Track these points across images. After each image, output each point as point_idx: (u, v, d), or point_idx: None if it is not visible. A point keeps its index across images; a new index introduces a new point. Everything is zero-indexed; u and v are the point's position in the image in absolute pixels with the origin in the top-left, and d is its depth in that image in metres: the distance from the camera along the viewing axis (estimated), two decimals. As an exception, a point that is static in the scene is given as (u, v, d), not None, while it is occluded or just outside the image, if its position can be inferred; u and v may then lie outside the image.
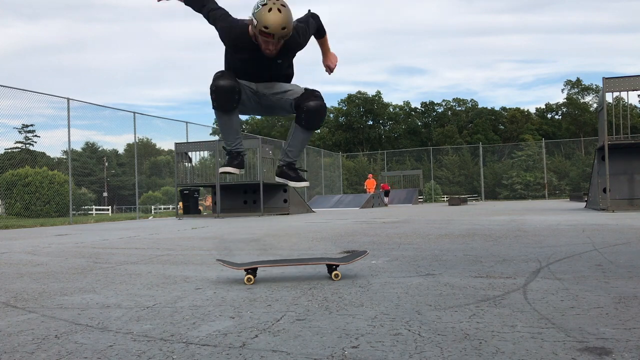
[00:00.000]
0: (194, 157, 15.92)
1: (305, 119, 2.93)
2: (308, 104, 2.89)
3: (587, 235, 4.94)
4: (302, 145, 3.10)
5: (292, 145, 3.08)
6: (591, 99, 64.76)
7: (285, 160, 3.11)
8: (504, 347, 1.54)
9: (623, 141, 10.55)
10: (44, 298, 2.56)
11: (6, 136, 21.24)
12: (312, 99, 2.90)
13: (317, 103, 2.90)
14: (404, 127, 69.96)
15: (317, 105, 2.90)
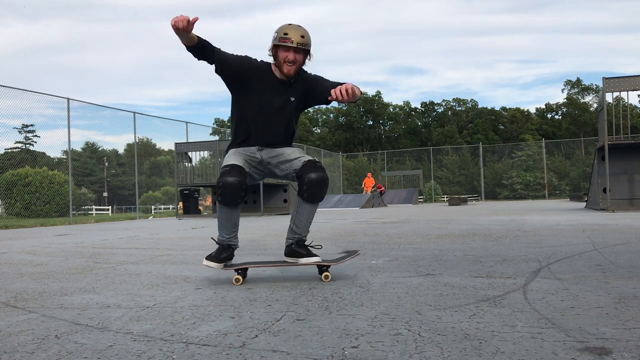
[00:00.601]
0: (194, 157, 15.92)
1: (307, 192, 2.89)
2: (310, 177, 2.87)
3: (587, 235, 4.94)
4: (309, 219, 3.00)
5: (298, 221, 2.99)
6: (591, 99, 64.78)
7: (294, 237, 2.99)
8: (504, 347, 1.54)
9: (623, 141, 10.55)
10: (44, 298, 2.56)
11: (6, 136, 21.25)
12: (313, 170, 2.89)
13: (318, 175, 2.88)
14: (404, 127, 69.98)
15: (319, 177, 2.88)
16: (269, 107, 2.95)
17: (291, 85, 2.98)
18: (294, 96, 3.00)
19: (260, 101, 2.94)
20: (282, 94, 2.96)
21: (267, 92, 2.94)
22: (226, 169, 2.83)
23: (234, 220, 2.93)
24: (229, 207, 2.85)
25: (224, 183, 2.79)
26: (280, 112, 2.98)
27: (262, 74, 2.93)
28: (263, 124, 2.96)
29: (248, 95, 2.95)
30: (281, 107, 2.97)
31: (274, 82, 2.95)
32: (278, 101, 2.96)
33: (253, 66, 2.93)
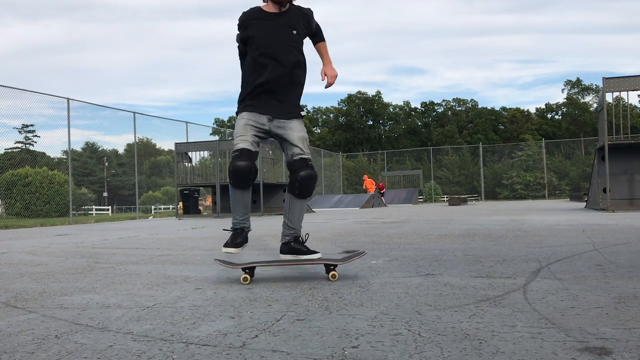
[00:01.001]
0: (194, 157, 15.93)
1: (299, 189, 3.03)
2: (301, 174, 2.99)
3: (587, 235, 4.94)
4: (301, 214, 3.12)
5: (292, 217, 3.09)
6: (591, 99, 64.76)
7: (290, 233, 3.07)
8: (504, 347, 1.54)
9: (623, 141, 10.55)
10: (44, 298, 2.56)
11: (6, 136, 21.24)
12: (304, 168, 3.01)
13: (308, 173, 3.01)
14: (404, 127, 69.98)
15: (309, 175, 3.02)
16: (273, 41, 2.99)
17: (284, 16, 3.04)
18: (295, 29, 3.04)
19: (264, 38, 2.99)
20: (274, 25, 3.01)
21: (267, 28, 3.01)
22: (236, 154, 2.97)
23: (245, 201, 3.09)
24: (240, 189, 3.03)
25: (235, 167, 2.96)
26: (286, 47, 3.00)
27: (256, 16, 3.03)
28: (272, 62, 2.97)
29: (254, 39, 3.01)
30: (280, 39, 3.00)
31: (264, 17, 3.03)
32: (279, 33, 3.00)
33: (242, 22, 3.05)
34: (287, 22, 3.03)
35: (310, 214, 14.33)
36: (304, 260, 2.98)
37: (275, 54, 2.97)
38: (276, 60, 2.97)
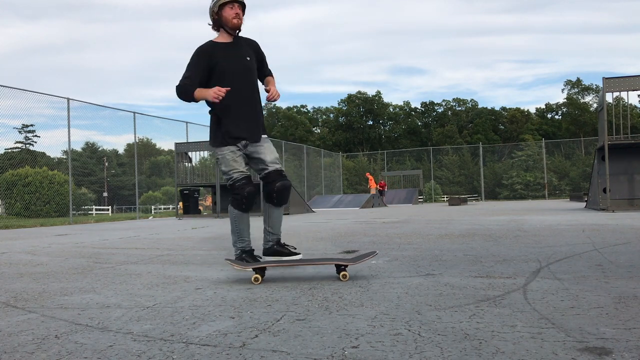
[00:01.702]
0: (194, 157, 15.92)
1: (276, 199, 3.40)
2: (277, 186, 3.37)
3: (587, 235, 4.94)
4: (280, 219, 3.47)
5: (272, 224, 3.43)
6: (591, 99, 64.76)
7: (273, 238, 3.39)
8: (504, 347, 1.54)
9: (623, 141, 10.55)
10: (44, 298, 2.56)
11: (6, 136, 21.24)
12: (279, 179, 3.39)
13: (283, 184, 3.41)
14: (404, 127, 69.98)
15: (285, 185, 3.41)
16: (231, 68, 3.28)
17: (240, 45, 3.36)
18: (249, 56, 3.37)
19: (224, 67, 3.26)
20: (234, 54, 3.32)
21: (228, 57, 3.29)
22: (243, 182, 3.28)
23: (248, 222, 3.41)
24: (247, 212, 3.35)
25: (248, 193, 3.30)
26: (245, 71, 3.32)
27: (211, 50, 3.29)
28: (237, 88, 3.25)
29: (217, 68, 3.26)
30: (242, 65, 3.31)
31: (224, 47, 3.31)
32: (235, 60, 3.31)
33: (206, 52, 3.28)
34: (240, 51, 3.35)
35: (310, 214, 14.33)
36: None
37: (238, 80, 3.28)
38: (240, 86, 3.27)
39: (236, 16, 3.27)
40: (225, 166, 3.30)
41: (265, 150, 3.37)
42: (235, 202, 3.30)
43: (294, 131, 64.79)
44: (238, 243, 3.34)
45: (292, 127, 66.16)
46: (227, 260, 3.09)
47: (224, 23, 3.29)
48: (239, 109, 3.27)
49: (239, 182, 3.26)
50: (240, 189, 3.25)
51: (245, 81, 3.30)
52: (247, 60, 3.34)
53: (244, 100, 3.29)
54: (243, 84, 3.29)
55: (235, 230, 3.35)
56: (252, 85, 3.36)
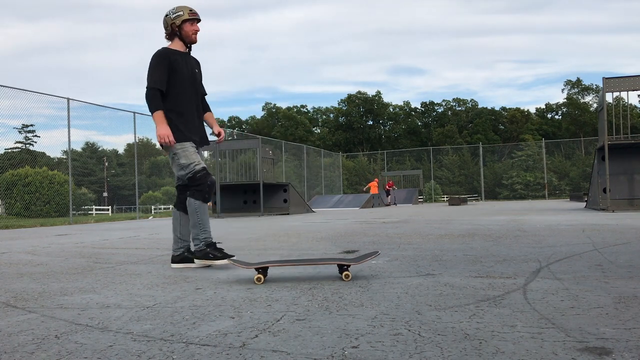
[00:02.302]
0: (194, 157, 15.90)
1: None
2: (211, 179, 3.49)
3: (587, 235, 4.94)
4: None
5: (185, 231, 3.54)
6: (591, 99, 64.75)
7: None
8: (504, 347, 1.54)
9: (623, 141, 10.55)
10: (44, 298, 2.56)
11: (6, 136, 21.24)
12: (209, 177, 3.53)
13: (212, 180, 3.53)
14: (404, 127, 69.97)
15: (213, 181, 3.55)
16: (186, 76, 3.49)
17: (191, 57, 3.60)
18: (197, 69, 3.64)
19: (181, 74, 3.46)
20: (188, 63, 3.55)
21: (181, 65, 3.48)
22: (203, 172, 3.39)
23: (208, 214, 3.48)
24: (206, 203, 3.42)
25: (211, 182, 3.40)
26: (196, 82, 3.57)
27: (171, 55, 3.47)
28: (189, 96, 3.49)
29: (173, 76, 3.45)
30: (194, 75, 3.55)
31: (180, 55, 3.51)
32: (190, 70, 3.53)
33: (166, 57, 3.43)
34: (192, 62, 3.60)
35: (310, 214, 14.32)
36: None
37: (192, 88, 3.52)
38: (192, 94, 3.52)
39: (195, 33, 3.52)
40: (185, 159, 3.39)
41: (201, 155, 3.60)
42: (198, 192, 3.38)
43: (294, 131, 64.80)
44: (201, 234, 3.39)
45: (292, 127, 66.16)
46: (229, 260, 3.10)
47: (182, 36, 3.50)
48: (191, 116, 3.49)
49: (199, 172, 3.38)
50: (202, 178, 3.38)
51: (196, 91, 3.55)
52: (196, 72, 3.60)
53: (195, 108, 3.53)
54: (194, 93, 3.53)
55: (197, 222, 3.39)
56: (201, 96, 3.64)
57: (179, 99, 3.44)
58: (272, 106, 73.82)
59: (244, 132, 59.38)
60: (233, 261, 3.02)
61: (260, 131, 61.20)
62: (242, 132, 57.56)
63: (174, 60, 3.43)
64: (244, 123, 73.16)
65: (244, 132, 54.05)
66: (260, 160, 14.53)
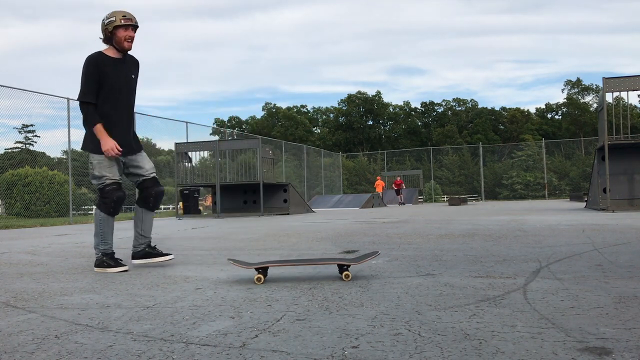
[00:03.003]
0: (194, 157, 15.92)
1: (152, 203, 3.69)
2: (156, 190, 3.67)
3: (587, 235, 4.94)
4: (151, 223, 3.71)
5: (145, 228, 3.65)
6: (591, 99, 64.76)
7: (145, 241, 3.62)
8: (504, 347, 1.54)
9: (623, 141, 10.55)
10: (44, 298, 2.56)
11: (6, 136, 21.21)
12: (156, 186, 3.69)
13: (159, 190, 3.71)
14: (404, 127, 69.98)
15: (160, 191, 3.71)
16: (119, 83, 3.49)
17: (125, 62, 3.56)
18: (134, 73, 3.62)
19: (113, 81, 3.46)
20: (122, 70, 3.52)
21: (113, 72, 3.47)
22: (113, 187, 3.46)
23: (113, 227, 3.55)
24: (113, 216, 3.51)
25: (118, 197, 3.49)
26: (129, 89, 3.57)
27: (103, 62, 3.45)
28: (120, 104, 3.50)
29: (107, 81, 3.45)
30: (127, 82, 3.54)
31: (113, 63, 3.48)
32: (122, 76, 3.52)
33: (98, 64, 3.43)
34: (127, 68, 3.57)
35: (310, 214, 14.33)
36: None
37: (123, 96, 3.52)
38: (124, 102, 3.53)
39: (129, 39, 3.49)
40: (98, 171, 3.44)
41: (143, 160, 3.65)
42: (104, 205, 3.45)
43: (294, 131, 64.80)
44: (101, 245, 3.46)
45: (292, 127, 66.16)
46: (229, 260, 3.10)
47: (116, 42, 3.47)
48: (119, 123, 3.50)
49: (109, 186, 3.44)
50: (109, 193, 3.44)
51: (126, 99, 3.56)
52: (132, 78, 3.60)
53: (124, 116, 3.55)
54: (125, 100, 3.55)
55: (99, 232, 3.47)
56: (131, 103, 3.65)
57: (107, 109, 3.45)
58: (272, 106, 73.80)
59: (244, 132, 59.39)
60: (233, 261, 3.02)
61: (260, 131, 61.18)
62: (242, 132, 57.57)
63: (104, 67, 3.43)
64: (244, 123, 73.17)
65: (244, 132, 54.08)
66: (260, 160, 14.53)
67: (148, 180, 3.66)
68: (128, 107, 3.59)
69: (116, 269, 3.39)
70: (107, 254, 3.45)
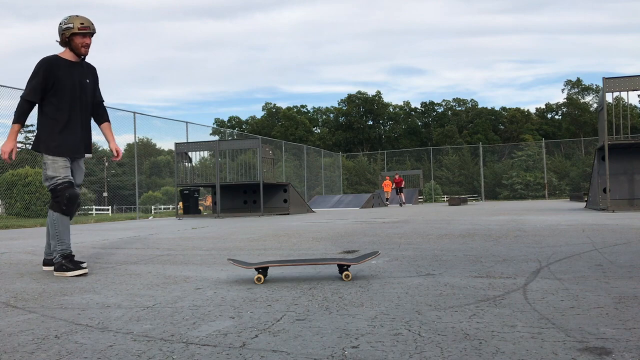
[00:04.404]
0: (194, 157, 15.92)
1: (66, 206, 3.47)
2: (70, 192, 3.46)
3: (587, 235, 4.94)
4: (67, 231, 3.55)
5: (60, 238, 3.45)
6: (591, 99, 64.77)
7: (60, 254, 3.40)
8: (504, 347, 1.54)
9: (623, 141, 10.55)
10: (44, 298, 2.56)
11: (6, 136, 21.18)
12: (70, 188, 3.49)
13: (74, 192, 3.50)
14: (404, 127, 70.00)
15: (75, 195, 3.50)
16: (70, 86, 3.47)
17: (82, 67, 3.57)
18: (88, 79, 3.62)
19: (64, 84, 3.44)
20: (76, 74, 3.52)
21: (66, 75, 3.46)
22: (65, 184, 3.38)
23: (69, 226, 3.48)
24: (69, 215, 3.44)
25: (71, 195, 3.39)
26: (82, 92, 3.54)
27: (57, 65, 3.45)
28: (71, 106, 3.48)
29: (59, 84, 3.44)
30: (80, 86, 3.53)
31: (68, 65, 3.49)
32: (76, 80, 3.51)
33: (51, 65, 3.42)
34: (81, 72, 3.57)
35: (310, 214, 14.33)
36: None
37: (75, 99, 3.49)
38: (75, 105, 3.50)
39: (86, 46, 3.49)
40: (52, 172, 3.39)
41: (77, 171, 3.62)
42: (56, 204, 3.39)
43: (294, 131, 64.81)
44: (58, 247, 3.37)
45: (292, 127, 66.17)
46: (229, 260, 3.10)
47: (73, 48, 3.47)
48: (71, 126, 3.48)
49: (60, 185, 3.38)
50: (61, 191, 3.38)
51: (79, 101, 3.53)
52: (86, 82, 3.59)
53: (74, 119, 3.51)
54: (77, 103, 3.51)
55: (54, 234, 3.40)
56: (85, 106, 3.60)
57: (58, 109, 3.44)
58: (272, 106, 73.82)
59: (244, 132, 59.39)
60: (233, 261, 3.02)
61: (260, 131, 61.20)
62: (242, 132, 57.56)
63: (56, 69, 3.43)
64: (244, 123, 73.19)
65: (244, 132, 54.07)
66: (260, 160, 14.53)
67: None
68: (80, 110, 3.56)
69: (74, 273, 3.29)
70: (66, 256, 3.36)
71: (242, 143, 18.12)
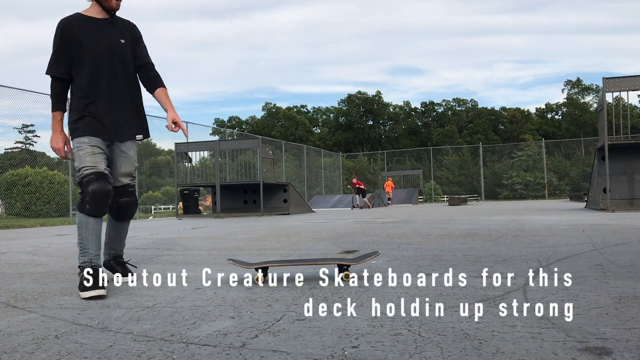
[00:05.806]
0: (194, 157, 15.92)
1: (116, 213, 3.00)
2: (120, 200, 2.94)
3: (587, 235, 4.94)
4: (122, 235, 3.12)
5: (113, 238, 3.11)
6: (591, 99, 64.76)
7: (110, 253, 3.12)
8: (504, 347, 1.54)
9: (623, 141, 10.55)
10: (44, 298, 2.56)
11: (6, 136, 21.20)
12: (124, 195, 2.96)
13: (128, 200, 2.99)
14: (404, 127, 70.01)
15: (129, 202, 3.00)
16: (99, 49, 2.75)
17: (114, 24, 2.84)
18: (124, 38, 2.85)
19: (91, 47, 2.73)
20: (106, 33, 2.79)
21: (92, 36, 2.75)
22: (92, 177, 2.63)
23: (99, 232, 2.74)
24: (96, 216, 2.69)
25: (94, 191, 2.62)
26: (116, 56, 2.79)
27: (78, 25, 2.74)
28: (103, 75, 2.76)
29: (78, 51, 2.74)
30: (113, 48, 2.79)
31: (93, 24, 2.77)
32: (106, 41, 2.78)
33: (70, 28, 2.73)
34: (113, 30, 2.82)
35: (310, 214, 14.32)
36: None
37: (106, 66, 2.76)
38: (106, 73, 2.77)
39: None
40: (78, 161, 2.70)
41: (121, 157, 2.91)
42: (80, 203, 2.67)
43: (294, 131, 64.81)
44: (80, 257, 2.67)
45: (292, 127, 66.18)
46: (229, 260, 3.10)
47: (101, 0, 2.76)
48: (103, 100, 2.75)
49: (86, 177, 2.63)
50: (86, 185, 2.62)
51: (114, 68, 2.78)
52: (120, 43, 2.82)
53: (109, 91, 2.77)
54: (109, 70, 2.77)
55: (78, 241, 2.72)
56: (123, 73, 2.83)
57: (84, 79, 2.73)
58: (272, 106, 73.81)
59: (244, 132, 59.38)
60: (233, 261, 3.01)
61: (260, 131, 61.19)
62: (242, 132, 57.55)
63: (79, 32, 2.72)
64: (244, 123, 73.17)
65: (244, 132, 54.07)
66: (260, 160, 14.53)
67: (116, 188, 2.91)
68: (116, 79, 2.79)
69: (88, 294, 2.50)
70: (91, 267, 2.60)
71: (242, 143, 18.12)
